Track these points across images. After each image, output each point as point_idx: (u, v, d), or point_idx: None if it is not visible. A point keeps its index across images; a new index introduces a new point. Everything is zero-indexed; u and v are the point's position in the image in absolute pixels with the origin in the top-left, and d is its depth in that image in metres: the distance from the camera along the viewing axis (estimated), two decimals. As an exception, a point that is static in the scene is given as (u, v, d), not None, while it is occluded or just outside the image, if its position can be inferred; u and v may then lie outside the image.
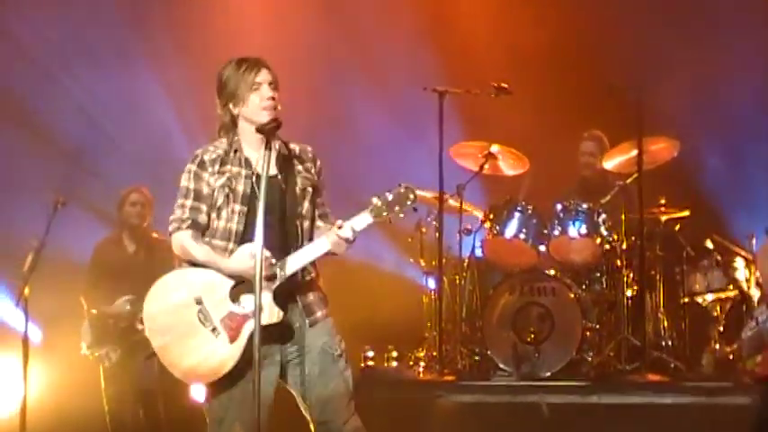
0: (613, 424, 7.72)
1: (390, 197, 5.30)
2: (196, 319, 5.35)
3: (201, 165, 5.47)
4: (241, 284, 5.31)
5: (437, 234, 8.91)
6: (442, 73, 9.37)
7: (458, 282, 9.13)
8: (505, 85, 8.78)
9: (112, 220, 9.12)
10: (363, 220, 5.29)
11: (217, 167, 5.45)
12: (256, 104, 5.40)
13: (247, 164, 5.44)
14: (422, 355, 9.05)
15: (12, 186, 10.01)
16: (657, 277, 8.87)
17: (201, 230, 5.47)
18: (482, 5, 10.26)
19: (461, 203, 8.99)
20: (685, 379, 8.28)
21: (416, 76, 9.41)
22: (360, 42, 10.15)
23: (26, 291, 7.75)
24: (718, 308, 8.73)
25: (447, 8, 10.34)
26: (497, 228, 8.84)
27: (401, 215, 5.33)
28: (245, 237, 5.36)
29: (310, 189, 5.51)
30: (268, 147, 5.27)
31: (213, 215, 5.46)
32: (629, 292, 8.73)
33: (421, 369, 8.93)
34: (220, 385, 5.35)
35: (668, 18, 9.87)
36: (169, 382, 5.70)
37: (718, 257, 8.78)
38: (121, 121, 10.49)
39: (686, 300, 8.86)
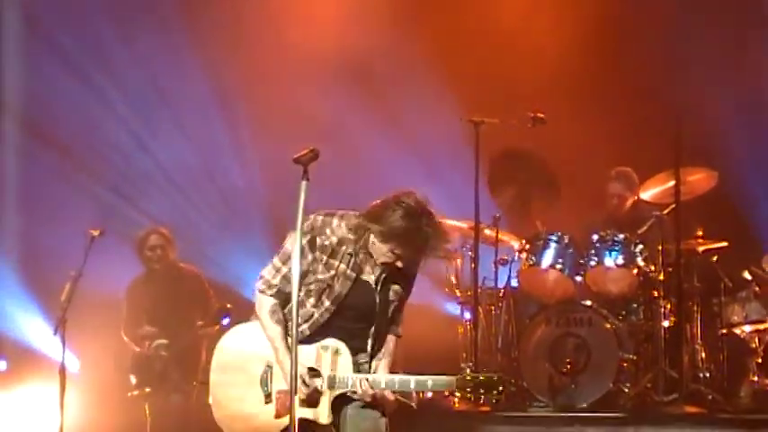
0: (650, 456, 7.68)
1: (482, 379, 5.35)
2: (259, 377, 5.45)
3: (312, 244, 5.42)
4: (315, 371, 5.37)
5: (472, 264, 8.89)
6: (478, 103, 9.34)
7: (493, 312, 9.10)
8: (542, 115, 8.75)
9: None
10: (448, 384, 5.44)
11: (325, 258, 5.43)
12: (383, 254, 5.33)
13: (357, 269, 5.44)
14: (458, 385, 9.00)
15: (51, 216, 10.09)
16: (695, 308, 8.80)
17: (285, 300, 5.47)
18: (516, 36, 10.26)
19: (497, 233, 8.98)
20: (723, 411, 8.20)
21: (452, 107, 9.43)
22: (396, 73, 10.18)
23: (64, 320, 7.81)
24: (757, 339, 8.67)
25: (482, 38, 10.33)
26: (533, 258, 8.81)
27: (480, 399, 5.43)
28: (321, 328, 5.40)
29: (395, 306, 5.53)
30: (305, 177, 5.27)
31: (303, 292, 5.41)
32: (666, 323, 8.67)
33: (456, 400, 8.87)
34: None
35: (706, 45, 9.82)
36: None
37: (757, 288, 8.73)
38: (160, 153, 10.59)
39: (724, 331, 8.78)
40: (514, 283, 9.03)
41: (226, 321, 8.38)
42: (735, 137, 9.58)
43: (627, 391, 8.45)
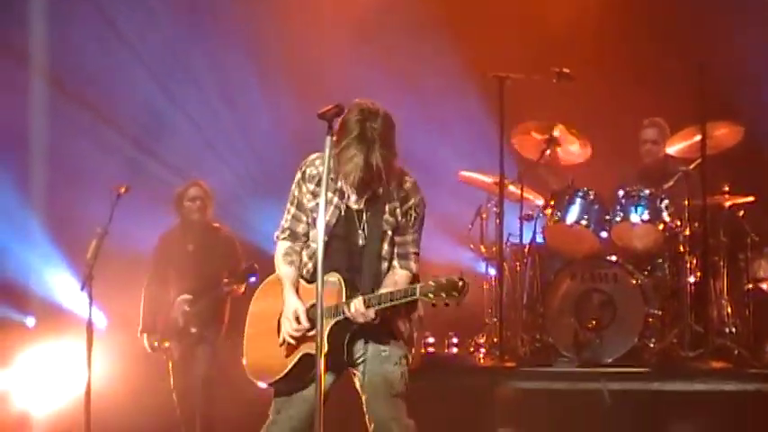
0: (676, 411, 7.67)
1: (444, 281, 5.25)
2: (276, 325, 5.56)
3: (303, 177, 5.57)
4: (313, 308, 5.39)
5: (497, 220, 8.88)
6: (503, 58, 9.28)
7: (518, 268, 9.10)
8: (567, 71, 8.71)
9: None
10: (409, 293, 5.30)
11: (312, 187, 5.53)
12: (347, 162, 5.31)
13: (340, 194, 5.48)
14: (482, 341, 9.03)
15: (76, 174, 10.12)
16: (721, 263, 8.77)
17: (301, 238, 5.60)
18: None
19: (522, 189, 8.96)
20: (749, 366, 8.19)
21: (478, 62, 9.39)
22: (422, 29, 10.12)
23: (90, 277, 7.86)
24: (783, 294, 8.65)
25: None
26: (559, 214, 8.79)
27: (444, 303, 5.29)
28: (324, 265, 5.30)
29: (390, 232, 5.50)
30: (330, 132, 5.27)
31: (312, 226, 5.56)
32: (691, 279, 8.65)
33: (481, 355, 8.92)
34: (279, 386, 5.57)
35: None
36: (235, 373, 5.80)
37: (784, 243, 8.69)
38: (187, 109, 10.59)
39: (750, 286, 8.76)
40: (540, 239, 9.00)
41: (252, 280, 8.39)
42: (762, 89, 9.48)
43: (652, 346, 8.45)
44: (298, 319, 5.41)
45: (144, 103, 10.52)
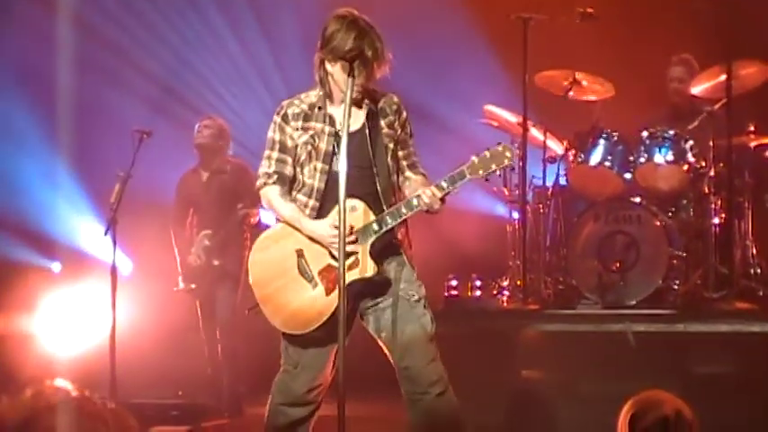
0: (700, 352, 7.66)
1: (488, 155, 5.29)
2: (296, 270, 5.46)
3: (285, 118, 5.51)
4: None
5: (520, 162, 8.83)
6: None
7: (541, 211, 9.06)
8: (591, 10, 8.62)
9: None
10: (460, 176, 5.28)
11: (300, 123, 5.48)
12: (341, 73, 5.31)
13: (331, 121, 5.45)
14: (506, 284, 9.02)
15: (98, 117, 10.12)
16: (746, 204, 8.68)
17: (288, 183, 5.53)
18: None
19: (545, 132, 8.90)
20: (774, 307, 8.15)
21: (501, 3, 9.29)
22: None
23: (114, 221, 7.88)
24: (810, 234, 8.59)
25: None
26: (582, 156, 8.72)
27: (498, 173, 5.40)
28: (326, 194, 5.43)
29: (391, 145, 5.50)
30: (351, 74, 5.24)
31: (298, 169, 5.51)
32: (716, 220, 8.57)
33: (505, 298, 8.90)
34: (297, 335, 5.48)
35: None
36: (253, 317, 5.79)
37: (811, 182, 8.62)
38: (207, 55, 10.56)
39: (776, 227, 8.71)
40: (563, 181, 8.95)
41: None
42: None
43: (677, 288, 8.40)
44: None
45: (170, 46, 10.49)
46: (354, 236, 5.32)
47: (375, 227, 5.33)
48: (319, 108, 5.46)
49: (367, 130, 5.45)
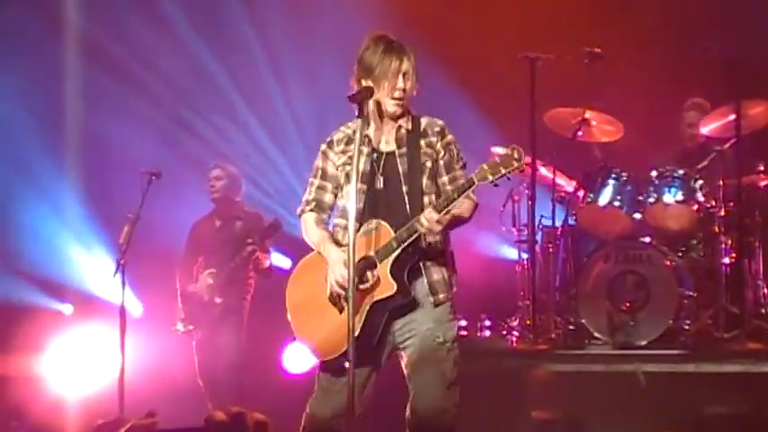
0: (711, 393, 7.61)
1: (498, 159, 5.22)
2: (327, 296, 5.44)
3: (330, 144, 5.58)
4: (364, 260, 5.32)
5: (529, 202, 8.84)
6: (533, 39, 9.20)
7: (551, 250, 9.04)
8: (598, 50, 8.65)
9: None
10: (469, 184, 5.22)
11: (342, 147, 5.53)
12: (386, 92, 5.40)
13: (369, 141, 5.47)
14: (515, 324, 9.00)
15: (110, 158, 10.15)
16: (756, 244, 8.66)
17: (327, 210, 5.58)
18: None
19: (554, 171, 8.90)
20: (786, 347, 8.10)
21: (509, 44, 9.32)
22: (451, 11, 10.05)
23: (123, 262, 7.90)
24: (819, 274, 8.55)
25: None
26: (591, 195, 8.73)
27: (508, 177, 5.23)
28: (364, 214, 5.40)
29: (429, 164, 5.46)
30: (361, 115, 5.27)
31: (340, 194, 5.54)
32: (726, 260, 8.55)
33: (514, 338, 8.87)
34: (330, 362, 5.44)
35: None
36: (259, 354, 5.77)
37: (819, 222, 8.60)
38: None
39: (786, 266, 8.68)
40: (572, 220, 8.94)
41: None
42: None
43: (687, 328, 8.37)
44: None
45: (183, 81, 10.52)
46: (365, 271, 5.31)
47: (394, 244, 5.29)
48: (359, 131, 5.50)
49: (404, 149, 5.45)
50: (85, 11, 10.32)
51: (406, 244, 5.27)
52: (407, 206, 5.38)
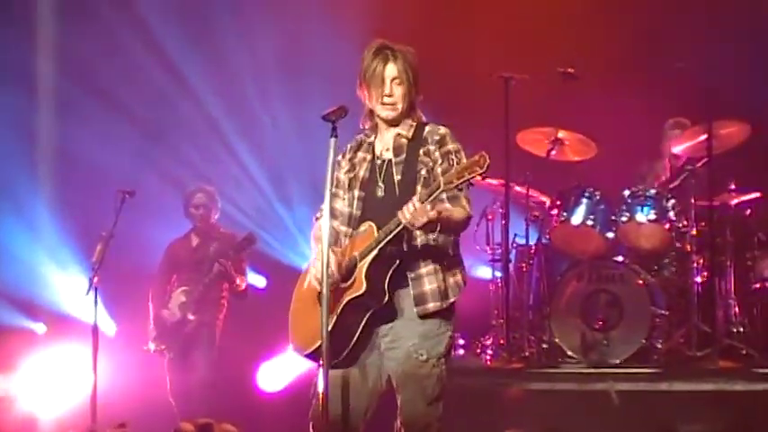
0: (684, 411, 7.63)
1: (463, 165, 5.15)
2: (316, 295, 5.43)
3: (343, 154, 5.58)
4: (351, 258, 5.34)
5: (503, 221, 8.87)
6: (507, 58, 9.25)
7: (525, 269, 9.08)
8: (572, 70, 8.71)
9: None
10: (435, 188, 5.13)
11: (350, 155, 5.56)
12: (376, 98, 5.43)
13: (372, 149, 5.50)
14: (489, 342, 9.01)
15: (86, 175, 10.10)
16: (728, 263, 8.71)
17: (338, 217, 5.53)
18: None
19: (528, 190, 8.94)
20: (757, 365, 8.10)
21: (482, 63, 9.36)
22: (425, 31, 10.07)
23: (95, 281, 7.88)
24: (791, 293, 8.61)
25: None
26: (565, 214, 8.78)
27: (472, 182, 5.17)
28: (362, 221, 5.41)
29: (424, 172, 5.41)
30: (334, 134, 5.28)
31: (347, 200, 5.54)
32: (699, 278, 8.61)
33: (488, 357, 8.89)
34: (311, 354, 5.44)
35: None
36: (233, 373, 5.76)
37: (791, 241, 8.66)
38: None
39: (758, 285, 8.72)
40: (545, 239, 8.99)
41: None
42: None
43: (660, 346, 8.41)
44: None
45: (157, 99, 10.49)
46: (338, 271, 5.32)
47: (373, 244, 5.29)
48: (365, 138, 5.55)
49: (401, 157, 5.45)
50: (60, 26, 10.27)
51: (383, 243, 5.25)
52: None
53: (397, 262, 5.30)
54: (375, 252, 5.27)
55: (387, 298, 5.29)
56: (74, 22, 10.24)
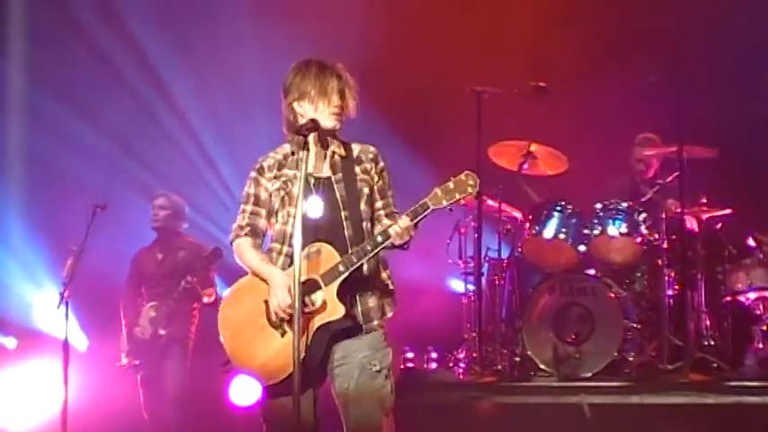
0: (656, 424, 7.66)
1: (451, 185, 5.25)
2: (265, 320, 5.38)
3: (260, 171, 5.55)
4: (308, 281, 5.28)
5: (476, 235, 8.88)
6: (479, 72, 9.27)
7: (497, 282, 9.09)
8: (543, 84, 8.74)
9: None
10: (422, 208, 5.22)
11: (274, 172, 5.52)
12: (323, 109, 5.42)
13: (302, 167, 5.42)
14: (462, 356, 9.02)
15: (59, 189, 10.05)
16: (699, 276, 8.75)
17: (262, 236, 5.55)
18: (519, 4, 10.19)
19: (500, 204, 8.97)
20: (728, 378, 8.14)
21: (454, 76, 9.38)
22: (397, 43, 10.10)
23: (66, 295, 7.84)
24: (761, 306, 8.64)
25: (483, 8, 10.25)
26: (537, 228, 8.80)
27: (462, 202, 5.28)
28: (306, 239, 5.32)
29: (366, 190, 5.48)
30: (306, 147, 5.30)
31: (273, 219, 5.52)
32: (670, 292, 8.66)
33: (461, 370, 8.89)
34: (274, 388, 5.37)
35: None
36: (205, 386, 5.73)
37: (761, 255, 8.71)
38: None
39: (728, 298, 8.77)
40: (518, 253, 9.00)
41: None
42: (738, 105, 9.49)
43: (631, 359, 8.43)
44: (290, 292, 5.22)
45: (131, 113, 10.45)
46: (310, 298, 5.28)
47: (341, 268, 5.27)
48: (293, 154, 5.51)
49: (339, 175, 5.46)
50: (31, 37, 10.23)
51: (354, 268, 5.27)
52: (346, 231, 5.39)
53: (358, 284, 5.35)
54: (346, 274, 5.28)
55: (356, 318, 5.35)
56: (47, 34, 10.19)
